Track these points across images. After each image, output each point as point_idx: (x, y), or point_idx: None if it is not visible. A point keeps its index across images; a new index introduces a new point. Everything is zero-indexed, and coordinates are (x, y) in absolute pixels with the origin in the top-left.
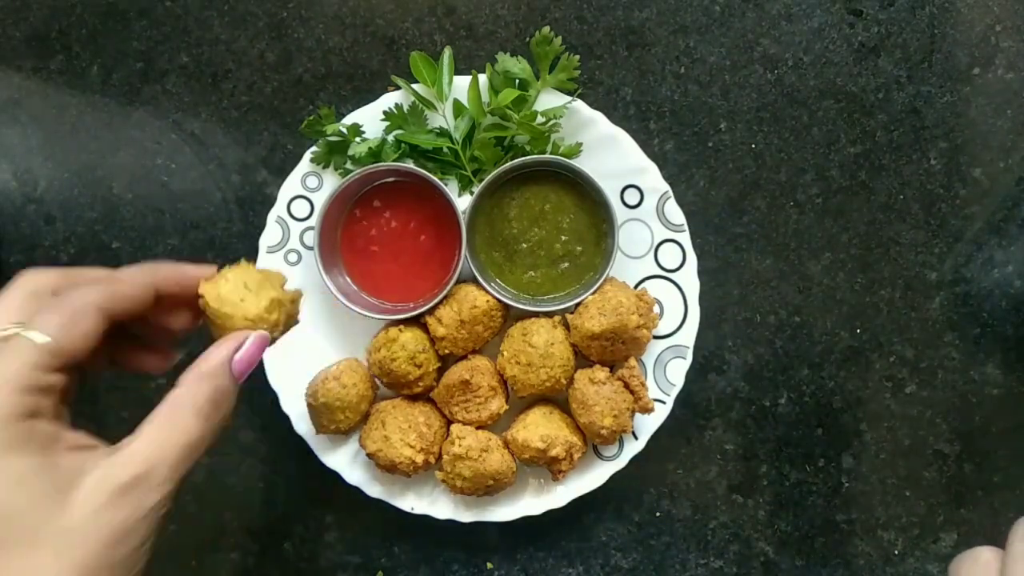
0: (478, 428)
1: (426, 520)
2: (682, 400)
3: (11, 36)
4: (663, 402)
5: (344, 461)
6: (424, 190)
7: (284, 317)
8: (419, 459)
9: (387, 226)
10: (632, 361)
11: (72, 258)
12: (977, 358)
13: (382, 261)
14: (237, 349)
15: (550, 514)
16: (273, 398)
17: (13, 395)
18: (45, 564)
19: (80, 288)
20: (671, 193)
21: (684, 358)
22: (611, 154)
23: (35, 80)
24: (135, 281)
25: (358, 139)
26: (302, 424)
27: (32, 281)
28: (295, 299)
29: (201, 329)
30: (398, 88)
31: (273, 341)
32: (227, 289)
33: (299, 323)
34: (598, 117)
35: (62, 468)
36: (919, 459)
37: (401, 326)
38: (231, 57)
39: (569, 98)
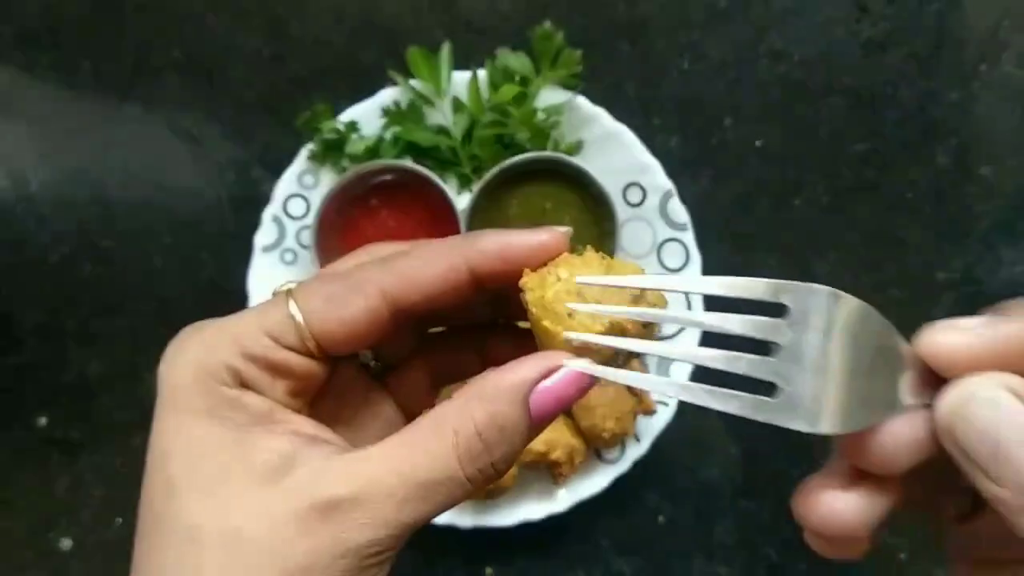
0: None
1: (424, 526)
2: (685, 403)
3: (1, 32)
4: (666, 404)
5: None
6: (422, 188)
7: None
8: None
9: (385, 225)
10: (635, 363)
11: (64, 257)
12: None
13: None
14: (546, 375)
15: (551, 519)
16: None
17: (229, 355)
18: (198, 563)
19: (365, 266)
20: (675, 191)
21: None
22: (613, 151)
23: (26, 77)
24: (436, 260)
25: (355, 136)
26: None
27: (377, 248)
28: (651, 320)
29: None
30: (396, 84)
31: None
32: (553, 293)
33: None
34: (600, 113)
35: (261, 451)
36: None
37: None
38: (226, 53)
39: (570, 94)
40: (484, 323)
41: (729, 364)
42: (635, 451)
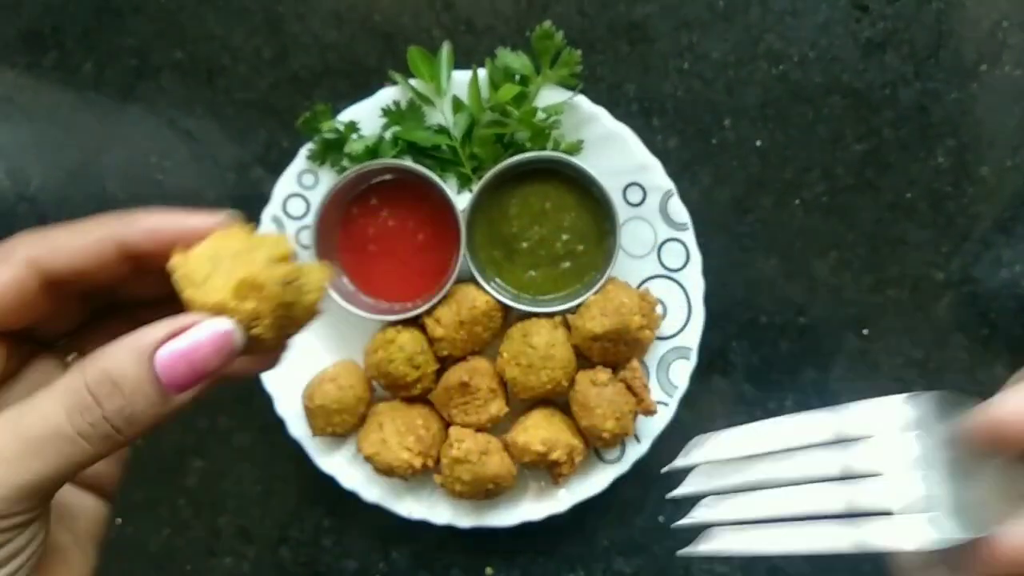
0: (477, 431)
1: (424, 525)
2: (686, 402)
3: (4, 32)
4: (666, 404)
5: (341, 464)
6: (422, 188)
7: (273, 306)
8: (417, 462)
9: (385, 224)
10: (634, 362)
11: None
12: (985, 359)
13: (380, 260)
14: (174, 335)
15: (551, 519)
16: (268, 401)
17: None
18: None
19: (15, 237)
20: (675, 191)
21: (688, 359)
22: (613, 151)
23: (28, 77)
24: (86, 234)
25: (355, 136)
26: (298, 427)
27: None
28: (293, 278)
29: None
30: (396, 84)
31: (260, 341)
32: (195, 262)
33: (316, 316)
34: (600, 113)
35: None
36: None
37: (399, 327)
38: (226, 53)
39: (570, 94)
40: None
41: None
42: (635, 451)
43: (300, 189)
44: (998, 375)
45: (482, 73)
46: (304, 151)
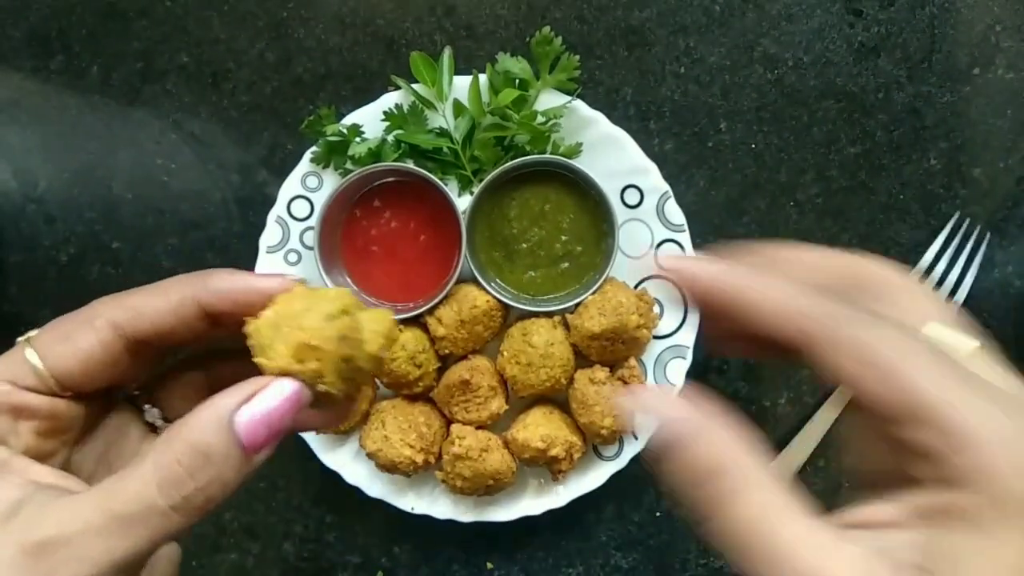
0: (478, 428)
1: (426, 520)
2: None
3: (11, 36)
4: None
5: (344, 461)
6: (424, 190)
7: (334, 363)
8: (419, 459)
9: (387, 226)
10: (632, 361)
11: (72, 258)
12: None
13: (382, 261)
14: (247, 399)
15: (550, 514)
16: None
17: None
18: None
19: (97, 301)
20: (671, 193)
21: (684, 358)
22: (611, 154)
23: (35, 80)
24: (166, 295)
25: (358, 139)
26: None
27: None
28: (348, 334)
29: None
30: (398, 88)
31: (329, 396)
32: (262, 329)
33: (382, 363)
34: (598, 117)
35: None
36: None
37: (401, 326)
38: (231, 57)
39: (569, 98)
40: None
41: None
42: (633, 448)
43: (304, 191)
44: None
45: (483, 78)
46: (308, 154)
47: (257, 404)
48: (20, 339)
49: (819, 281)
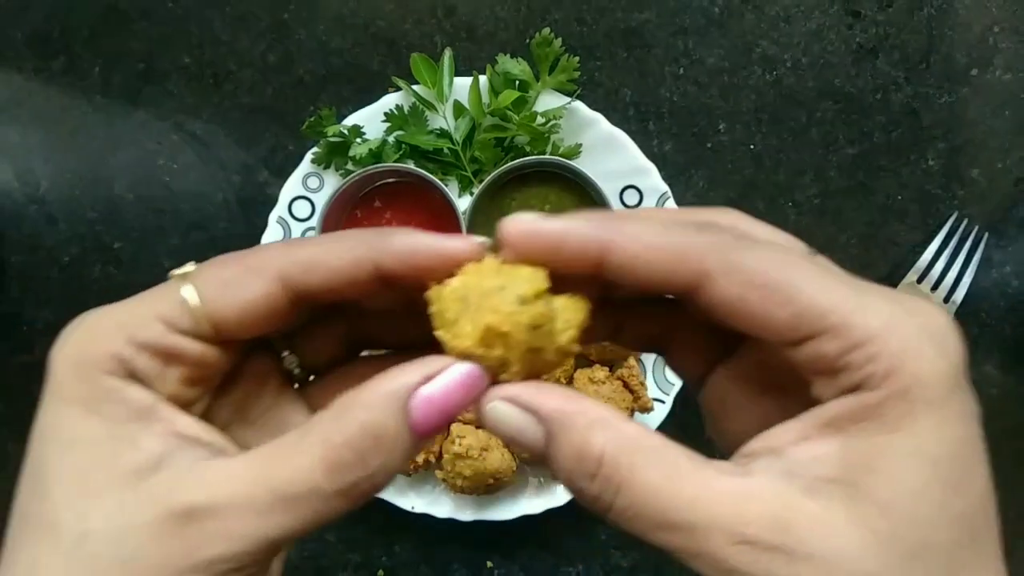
0: (478, 427)
1: (426, 519)
2: (682, 399)
3: (12, 37)
4: (663, 401)
5: None
6: (424, 190)
7: (521, 352)
8: (419, 458)
9: (388, 226)
10: (631, 360)
11: (73, 258)
12: (975, 358)
13: None
14: (427, 380)
15: (550, 513)
16: None
17: (115, 343)
18: (49, 564)
19: (264, 248)
20: (670, 194)
21: None
22: (611, 155)
23: (36, 81)
24: (343, 252)
25: (359, 140)
26: None
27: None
28: (541, 322)
29: None
30: (399, 89)
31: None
32: (447, 300)
33: (572, 355)
34: (598, 118)
35: (131, 449)
36: None
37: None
38: (232, 58)
39: (569, 99)
40: (420, 344)
41: None
42: None
43: (305, 192)
44: (988, 374)
45: (483, 79)
46: (309, 155)
47: (437, 387)
48: (175, 273)
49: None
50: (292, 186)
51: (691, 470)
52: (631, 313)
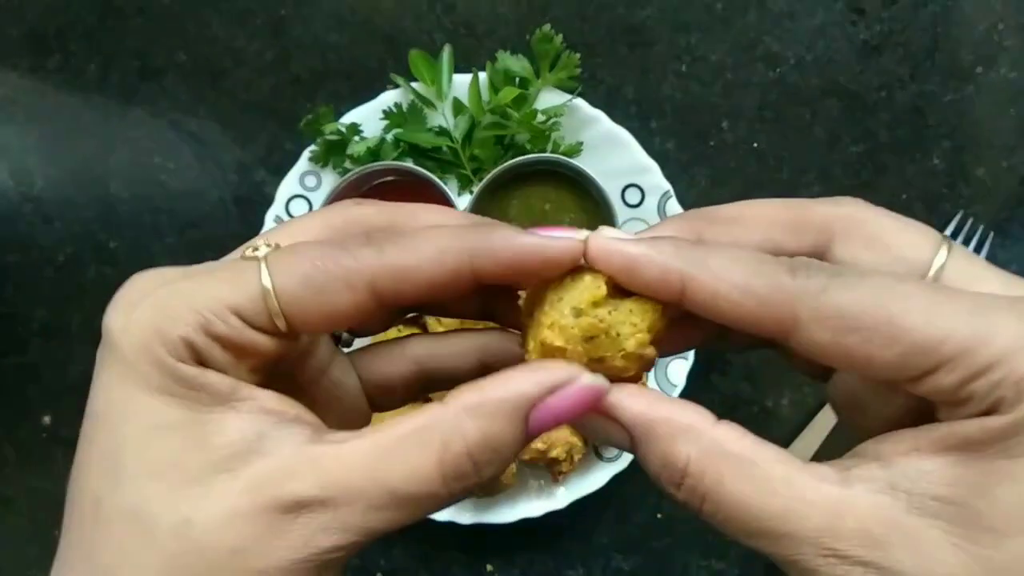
0: None
1: (425, 522)
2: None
3: (7, 34)
4: None
5: None
6: (423, 189)
7: (587, 364)
8: None
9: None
10: None
11: (69, 257)
12: None
13: None
14: (552, 390)
15: (550, 516)
16: None
17: (189, 330)
18: (140, 554)
19: (349, 246)
20: (672, 192)
21: (686, 359)
22: (612, 153)
23: (32, 79)
24: (440, 259)
25: (357, 138)
26: None
27: (351, 211)
28: (595, 333)
29: None
30: (397, 87)
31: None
32: (522, 311)
33: (645, 362)
34: (599, 116)
35: (223, 433)
36: None
37: (400, 326)
38: (229, 55)
39: (570, 96)
40: (471, 315)
41: None
42: None
43: (303, 190)
44: None
45: (483, 76)
46: (307, 153)
47: (564, 401)
48: (249, 253)
49: (778, 241)
50: (289, 185)
51: (783, 479)
52: None
